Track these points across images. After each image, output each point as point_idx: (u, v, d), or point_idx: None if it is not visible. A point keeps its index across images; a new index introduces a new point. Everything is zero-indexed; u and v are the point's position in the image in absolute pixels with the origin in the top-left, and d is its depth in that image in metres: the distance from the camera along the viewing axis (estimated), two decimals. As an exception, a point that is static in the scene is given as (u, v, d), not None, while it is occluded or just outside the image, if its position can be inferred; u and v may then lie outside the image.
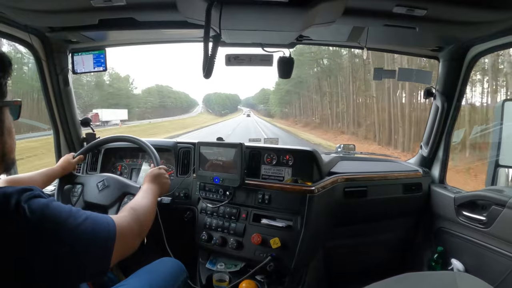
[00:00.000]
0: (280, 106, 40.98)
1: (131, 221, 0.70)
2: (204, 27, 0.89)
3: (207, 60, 0.93)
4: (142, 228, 0.74)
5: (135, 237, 0.71)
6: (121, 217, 0.70)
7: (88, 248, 0.57)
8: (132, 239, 0.69)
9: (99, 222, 0.61)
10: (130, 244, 0.69)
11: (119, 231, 0.63)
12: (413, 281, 0.86)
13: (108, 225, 0.62)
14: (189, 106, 71.13)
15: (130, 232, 0.69)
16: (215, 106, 71.50)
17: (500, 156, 1.46)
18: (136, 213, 0.75)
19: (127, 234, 0.67)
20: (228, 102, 76.95)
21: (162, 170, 1.07)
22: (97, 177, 1.22)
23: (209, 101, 75.50)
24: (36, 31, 1.28)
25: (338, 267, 1.53)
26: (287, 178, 1.34)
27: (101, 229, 0.60)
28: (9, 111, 0.60)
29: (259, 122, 38.59)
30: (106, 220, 0.63)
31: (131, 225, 0.70)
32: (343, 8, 0.96)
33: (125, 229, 0.66)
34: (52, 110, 1.50)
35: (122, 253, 0.65)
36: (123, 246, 0.64)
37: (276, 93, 41.51)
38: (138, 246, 0.72)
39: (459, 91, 1.44)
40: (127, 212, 0.74)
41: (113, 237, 0.61)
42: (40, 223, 0.51)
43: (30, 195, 0.53)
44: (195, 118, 51.15)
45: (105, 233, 0.61)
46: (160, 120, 37.41)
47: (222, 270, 1.27)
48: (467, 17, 1.02)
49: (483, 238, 1.24)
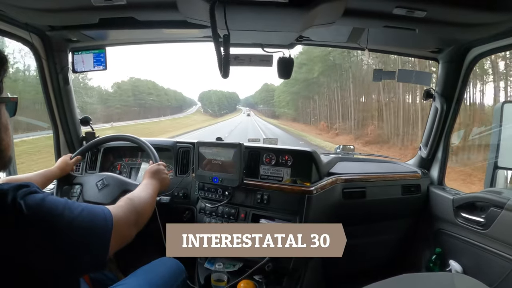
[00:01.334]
0: (292, 107, 32.34)
1: (127, 211, 0.71)
2: (211, 29, 0.89)
3: (222, 60, 0.94)
4: (139, 218, 0.75)
5: (131, 226, 0.71)
6: (117, 207, 0.71)
7: (86, 239, 0.58)
8: (128, 228, 0.70)
9: (95, 213, 0.62)
10: (127, 233, 0.69)
11: (116, 220, 0.64)
12: (411, 282, 0.86)
13: (104, 215, 0.63)
14: (182, 105, 60.15)
15: (126, 221, 0.69)
16: (210, 105, 63.20)
17: (499, 158, 1.46)
18: (133, 203, 0.75)
19: (123, 223, 0.68)
20: (225, 101, 68.43)
21: (161, 166, 1.08)
22: (96, 176, 1.22)
23: (203, 100, 67.24)
24: (37, 30, 1.29)
25: (337, 267, 1.53)
26: (286, 179, 1.34)
27: (98, 219, 0.61)
28: (5, 108, 0.60)
29: (264, 125, 30.44)
30: (103, 211, 0.64)
31: (127, 215, 0.70)
32: (343, 9, 0.96)
33: (121, 218, 0.67)
34: (52, 109, 1.50)
35: (119, 243, 0.65)
36: (120, 235, 0.65)
37: (287, 91, 32.97)
38: (134, 235, 0.72)
39: (459, 92, 1.44)
40: (124, 202, 0.75)
41: (110, 227, 0.62)
42: (37, 218, 0.52)
43: (26, 191, 0.53)
44: (179, 120, 40.05)
45: (102, 223, 0.61)
46: (132, 122, 28.45)
47: (220, 270, 1.27)
48: (466, 19, 1.03)
49: (481, 240, 1.24)
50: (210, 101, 65.38)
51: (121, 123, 26.74)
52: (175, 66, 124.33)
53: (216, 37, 0.91)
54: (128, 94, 38.34)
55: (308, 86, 26.11)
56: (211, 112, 58.09)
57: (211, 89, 73.16)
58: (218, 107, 63.11)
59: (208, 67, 60.39)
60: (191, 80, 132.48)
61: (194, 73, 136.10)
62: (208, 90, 71.87)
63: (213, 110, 59.86)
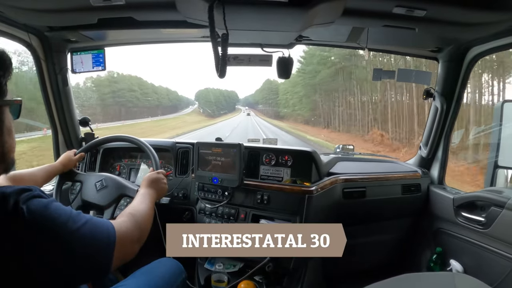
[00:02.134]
0: (306, 105, 24.55)
1: (130, 227, 0.70)
2: (210, 28, 0.89)
3: (219, 60, 0.94)
4: (141, 233, 0.74)
5: (135, 242, 0.70)
6: (121, 222, 0.70)
7: (87, 252, 0.57)
8: (131, 244, 0.69)
9: (99, 227, 0.61)
10: (130, 249, 0.68)
11: (119, 236, 0.63)
12: (411, 281, 0.86)
13: (108, 230, 0.62)
14: (177, 105, 50.57)
15: (130, 237, 0.68)
16: (207, 104, 56.30)
17: (499, 157, 1.46)
18: (135, 219, 0.74)
19: (127, 240, 0.67)
20: (224, 100, 62.21)
21: (160, 175, 1.06)
22: (96, 176, 1.22)
23: (200, 99, 59.90)
24: (35, 31, 1.28)
25: (337, 267, 1.53)
26: (286, 179, 1.34)
27: (101, 233, 0.60)
28: (9, 110, 0.60)
29: (267, 127, 24.43)
30: (106, 225, 0.63)
31: (131, 231, 0.69)
32: (342, 9, 0.96)
33: (124, 234, 0.66)
34: (51, 110, 1.49)
35: (122, 258, 0.64)
36: (123, 251, 0.64)
37: (300, 83, 24.80)
38: (137, 252, 0.71)
39: (459, 92, 1.44)
40: (127, 217, 0.73)
41: (113, 242, 0.61)
42: (39, 224, 0.51)
43: (29, 196, 0.52)
44: (163, 122, 30.64)
45: (105, 238, 0.60)
46: (104, 126, 19.47)
47: (220, 270, 1.27)
48: (466, 18, 1.02)
49: (482, 239, 1.24)
50: (207, 100, 58.55)
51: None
52: (171, 65, 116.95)
53: (214, 36, 0.91)
54: (104, 91, 30.06)
55: (343, 75, 18.42)
56: (210, 112, 51.72)
57: (207, 87, 64.89)
58: (215, 106, 57.11)
59: (207, 67, 56.59)
60: (188, 79, 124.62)
61: (192, 72, 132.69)
62: (204, 89, 63.91)
63: (212, 110, 53.67)
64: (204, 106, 57.03)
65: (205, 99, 60.12)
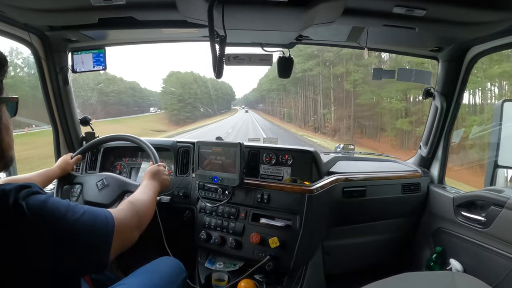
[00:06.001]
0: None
1: (128, 214, 0.71)
2: (208, 28, 0.89)
3: (216, 60, 0.94)
4: (140, 220, 0.75)
5: (133, 229, 0.71)
6: (119, 210, 0.71)
7: (87, 242, 0.58)
8: (130, 231, 0.70)
9: (97, 216, 0.62)
10: (129, 236, 0.69)
11: (118, 223, 0.64)
12: (411, 280, 0.86)
13: (106, 218, 0.63)
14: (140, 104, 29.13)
15: (128, 224, 0.69)
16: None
17: (499, 156, 1.46)
18: (134, 206, 0.76)
19: (125, 227, 0.68)
20: (207, 97, 33.47)
21: (161, 167, 1.08)
22: (96, 176, 1.22)
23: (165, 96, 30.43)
24: (36, 30, 1.28)
25: (337, 266, 1.53)
26: (286, 178, 1.34)
27: (99, 222, 0.61)
28: (6, 108, 0.60)
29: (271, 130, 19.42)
30: (104, 214, 0.64)
31: (129, 218, 0.71)
32: (342, 8, 0.96)
33: (123, 221, 0.67)
34: (52, 109, 1.50)
35: (121, 246, 0.65)
36: (121, 238, 0.65)
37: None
38: (137, 238, 0.72)
39: (458, 91, 1.44)
40: (125, 205, 0.75)
41: (112, 230, 0.62)
42: (38, 219, 0.52)
43: (28, 192, 0.53)
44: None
45: (104, 226, 0.61)
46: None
47: (221, 269, 1.27)
48: (466, 17, 1.02)
49: (481, 239, 1.24)
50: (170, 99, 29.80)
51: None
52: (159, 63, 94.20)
53: (213, 36, 0.91)
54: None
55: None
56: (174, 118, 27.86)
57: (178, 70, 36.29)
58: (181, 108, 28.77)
59: (206, 67, 51.99)
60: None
61: (189, 71, 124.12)
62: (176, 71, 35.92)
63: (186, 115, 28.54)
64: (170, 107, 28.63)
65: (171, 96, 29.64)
